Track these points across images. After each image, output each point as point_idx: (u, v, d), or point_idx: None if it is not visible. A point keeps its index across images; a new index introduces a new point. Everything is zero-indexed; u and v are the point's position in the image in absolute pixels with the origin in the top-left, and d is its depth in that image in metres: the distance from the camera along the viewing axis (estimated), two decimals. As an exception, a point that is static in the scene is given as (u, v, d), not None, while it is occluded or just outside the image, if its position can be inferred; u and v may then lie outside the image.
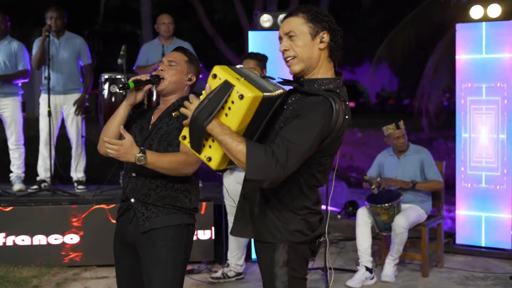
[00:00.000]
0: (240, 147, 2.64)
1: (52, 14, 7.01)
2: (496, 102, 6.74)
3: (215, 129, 2.67)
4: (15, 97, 7.13)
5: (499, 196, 6.76)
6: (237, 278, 6.02)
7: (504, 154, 6.73)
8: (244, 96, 2.63)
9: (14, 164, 7.21)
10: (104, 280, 6.05)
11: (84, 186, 7.16)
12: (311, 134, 2.68)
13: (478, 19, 6.83)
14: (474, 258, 6.73)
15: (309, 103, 2.75)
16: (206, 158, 2.76)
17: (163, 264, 3.34)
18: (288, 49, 2.87)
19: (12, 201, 6.61)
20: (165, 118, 3.44)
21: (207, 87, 2.72)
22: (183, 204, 3.40)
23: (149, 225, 3.36)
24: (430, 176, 6.19)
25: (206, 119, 2.66)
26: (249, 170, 2.65)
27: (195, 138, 2.73)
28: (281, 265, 2.89)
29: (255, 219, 2.94)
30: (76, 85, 7.17)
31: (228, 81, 2.67)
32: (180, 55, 3.56)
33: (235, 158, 2.67)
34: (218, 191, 6.64)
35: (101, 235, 6.27)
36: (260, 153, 2.64)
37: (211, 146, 2.74)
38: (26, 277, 6.03)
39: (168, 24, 7.34)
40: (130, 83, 3.38)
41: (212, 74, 2.72)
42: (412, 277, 6.10)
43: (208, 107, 2.67)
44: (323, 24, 2.84)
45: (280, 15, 6.70)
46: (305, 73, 2.88)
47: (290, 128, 2.70)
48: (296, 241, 2.89)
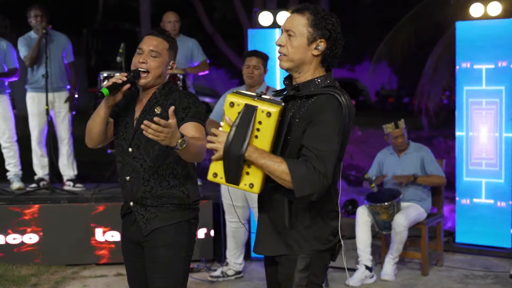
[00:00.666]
0: (282, 167, 2.68)
1: (36, 12, 6.97)
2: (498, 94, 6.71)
3: (253, 155, 2.69)
4: (3, 95, 7.06)
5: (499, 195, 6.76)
6: (236, 276, 6.01)
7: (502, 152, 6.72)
8: (271, 113, 2.67)
9: (10, 163, 7.18)
10: (103, 279, 6.03)
11: (82, 184, 7.14)
12: (334, 135, 2.73)
13: (478, 17, 6.80)
14: (474, 256, 6.72)
15: (317, 105, 2.78)
16: (248, 185, 2.75)
17: (164, 264, 3.32)
18: (283, 45, 2.88)
19: (10, 199, 6.59)
20: (148, 114, 3.32)
21: (227, 119, 2.72)
22: (181, 200, 3.36)
23: (150, 227, 3.33)
24: (431, 171, 6.17)
25: (241, 148, 2.67)
26: (298, 188, 2.69)
27: (231, 170, 2.71)
28: (302, 269, 2.88)
29: (282, 233, 2.90)
30: (63, 83, 7.15)
31: (249, 104, 2.68)
32: (161, 42, 3.33)
33: (279, 178, 2.70)
34: (217, 189, 6.61)
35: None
36: (302, 169, 2.68)
37: (248, 172, 2.74)
38: (24, 275, 6.02)
39: (174, 22, 7.32)
40: (104, 90, 3.18)
41: (229, 103, 2.72)
42: (411, 276, 6.09)
43: (239, 135, 2.68)
44: (323, 31, 2.84)
45: (280, 12, 6.68)
46: (293, 71, 2.91)
47: (312, 137, 2.74)
48: (321, 249, 2.91)
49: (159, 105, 3.32)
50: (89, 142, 3.44)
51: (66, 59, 7.19)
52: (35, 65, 6.98)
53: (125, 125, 3.39)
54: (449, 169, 6.77)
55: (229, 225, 5.98)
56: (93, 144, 3.43)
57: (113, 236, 6.37)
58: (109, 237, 6.38)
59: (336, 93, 2.77)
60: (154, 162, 3.31)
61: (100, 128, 3.36)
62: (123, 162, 3.39)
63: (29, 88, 7.09)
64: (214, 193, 6.60)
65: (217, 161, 2.75)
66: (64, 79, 7.17)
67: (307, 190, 2.70)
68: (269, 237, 2.95)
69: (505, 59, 6.66)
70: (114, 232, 6.36)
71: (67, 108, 7.12)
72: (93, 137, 3.40)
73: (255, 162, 2.69)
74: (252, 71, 5.71)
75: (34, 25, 6.97)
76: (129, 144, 3.35)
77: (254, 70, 5.71)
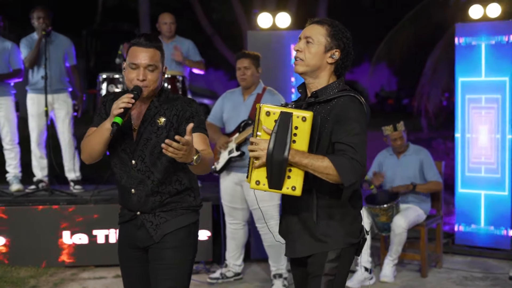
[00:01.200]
0: (326, 162, 2.88)
1: (39, 13, 6.95)
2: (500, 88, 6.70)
3: (296, 156, 2.86)
4: (8, 97, 7.09)
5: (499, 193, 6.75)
6: (235, 278, 6.00)
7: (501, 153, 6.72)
8: (306, 118, 2.87)
9: (11, 164, 7.18)
10: (102, 280, 6.02)
11: (81, 185, 7.13)
12: (362, 129, 2.98)
13: (477, 19, 6.80)
14: (473, 258, 6.71)
15: (341, 106, 3.00)
16: (291, 188, 2.89)
17: (171, 266, 3.31)
18: (301, 51, 3.11)
19: (9, 201, 6.59)
20: (149, 125, 3.25)
21: (265, 128, 2.90)
22: (189, 203, 3.38)
23: (161, 232, 3.31)
24: (430, 177, 6.17)
25: (284, 152, 2.84)
26: (345, 178, 2.89)
27: (275, 174, 2.86)
28: (333, 259, 3.06)
29: (314, 231, 3.07)
30: (64, 85, 7.14)
31: (284, 111, 2.87)
32: (155, 53, 3.24)
33: (323, 173, 2.89)
34: (217, 191, 6.60)
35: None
36: (344, 161, 2.89)
37: (290, 176, 2.89)
38: (23, 277, 6.01)
39: (170, 24, 7.31)
40: (118, 119, 3.07)
41: (265, 112, 2.89)
42: (411, 278, 6.08)
43: (280, 141, 2.85)
44: (339, 42, 3.09)
45: (278, 14, 6.68)
46: (307, 75, 3.13)
47: (344, 133, 2.95)
48: (352, 243, 3.12)
49: (161, 115, 3.26)
50: (87, 159, 3.35)
51: (68, 62, 7.18)
52: (35, 66, 6.97)
53: (123, 136, 3.29)
54: (448, 170, 6.78)
55: (229, 226, 5.97)
56: (91, 161, 3.35)
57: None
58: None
59: (356, 95, 3.03)
60: (163, 174, 3.28)
61: (102, 148, 3.27)
62: (126, 174, 3.31)
63: (29, 89, 7.09)
64: (213, 195, 6.60)
65: (259, 169, 2.89)
66: (65, 81, 7.16)
67: (352, 179, 2.89)
68: (301, 238, 3.11)
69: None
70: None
71: (67, 109, 7.11)
72: (94, 155, 3.31)
73: (299, 163, 2.87)
74: (244, 73, 5.68)
75: (37, 27, 6.96)
76: (132, 157, 3.29)
77: (245, 71, 5.67)
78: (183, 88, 6.81)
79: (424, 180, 6.20)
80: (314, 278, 3.09)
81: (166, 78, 6.73)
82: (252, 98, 5.72)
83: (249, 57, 5.69)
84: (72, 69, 7.23)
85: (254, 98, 5.71)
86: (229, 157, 5.69)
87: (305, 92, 3.18)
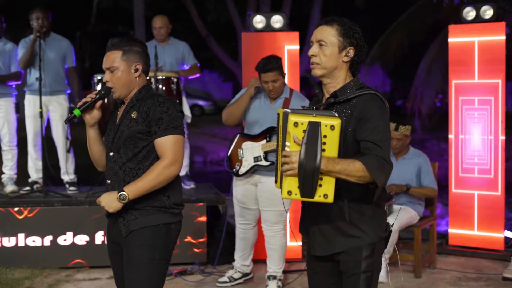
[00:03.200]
0: (357, 165, 2.91)
1: (38, 14, 6.95)
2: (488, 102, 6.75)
3: (328, 164, 2.88)
4: (8, 98, 7.10)
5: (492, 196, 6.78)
6: (244, 279, 5.96)
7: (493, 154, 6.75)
8: (334, 126, 2.89)
9: (7, 166, 7.18)
10: (96, 282, 6.03)
11: (75, 187, 7.13)
12: (385, 126, 3.05)
13: (470, 20, 6.84)
14: (467, 259, 6.74)
15: (363, 104, 3.05)
16: (323, 196, 2.92)
17: (136, 264, 3.35)
18: (316, 55, 3.13)
19: (4, 202, 6.58)
20: (125, 119, 3.41)
21: (294, 137, 2.90)
22: (162, 203, 3.39)
23: (129, 228, 3.38)
24: (426, 183, 6.18)
25: (315, 162, 2.86)
26: (378, 178, 2.93)
27: (308, 184, 2.88)
28: (368, 255, 3.11)
29: (346, 228, 3.12)
30: (61, 86, 7.14)
31: (311, 121, 2.89)
32: (113, 54, 3.42)
33: (357, 176, 2.92)
34: (212, 192, 6.63)
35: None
36: (374, 161, 2.93)
37: (321, 184, 2.91)
38: (18, 278, 6.01)
39: (159, 28, 7.31)
40: (76, 111, 3.40)
41: (293, 123, 2.90)
42: (404, 278, 6.10)
43: (310, 150, 2.86)
44: (352, 40, 3.11)
45: (273, 16, 6.69)
46: (325, 77, 3.16)
47: (369, 131, 2.99)
48: (383, 236, 3.17)
49: (135, 110, 3.38)
50: (97, 165, 3.61)
51: (67, 64, 7.18)
52: (31, 68, 6.97)
53: (108, 132, 3.51)
54: (442, 171, 6.82)
55: (239, 226, 5.89)
56: (102, 166, 3.57)
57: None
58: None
59: (376, 92, 3.08)
60: (135, 164, 3.37)
61: (96, 149, 3.53)
62: (107, 166, 3.50)
63: (27, 90, 7.09)
64: (208, 196, 6.61)
65: (291, 179, 2.91)
66: (62, 83, 7.16)
67: (383, 178, 2.95)
68: (332, 235, 3.15)
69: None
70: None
71: (61, 112, 7.10)
72: (96, 159, 3.56)
73: (332, 171, 2.89)
74: (273, 87, 5.46)
75: (35, 27, 6.97)
76: (110, 149, 3.44)
77: (273, 84, 5.45)
78: (177, 89, 6.82)
79: (420, 184, 6.21)
80: (352, 276, 3.12)
81: (161, 79, 6.73)
82: (280, 103, 5.55)
83: (275, 69, 5.43)
84: (70, 71, 7.23)
85: (282, 102, 5.55)
86: (256, 164, 5.57)
87: (322, 92, 3.22)
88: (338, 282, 3.23)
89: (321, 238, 3.18)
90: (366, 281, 3.11)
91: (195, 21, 15.94)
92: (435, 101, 15.65)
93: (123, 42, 3.42)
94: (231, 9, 15.41)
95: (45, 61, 6.91)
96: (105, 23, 23.13)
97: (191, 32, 17.38)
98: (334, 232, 3.14)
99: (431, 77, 12.23)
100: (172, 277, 6.01)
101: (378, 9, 18.73)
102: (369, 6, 18.23)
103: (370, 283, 3.12)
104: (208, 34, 15.98)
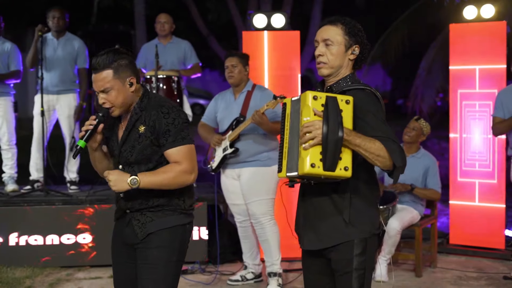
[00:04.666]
0: (377, 144, 2.92)
1: (54, 13, 7.03)
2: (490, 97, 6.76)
3: (350, 135, 2.89)
4: (7, 97, 7.11)
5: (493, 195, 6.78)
6: (255, 280, 5.95)
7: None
8: (350, 101, 2.95)
9: (7, 165, 7.19)
10: (97, 281, 6.03)
11: (77, 186, 7.14)
12: (383, 119, 3.04)
13: (471, 20, 6.84)
14: (468, 258, 6.74)
15: (359, 100, 3.01)
16: (343, 169, 2.90)
17: (154, 266, 3.34)
18: (323, 54, 3.15)
19: (5, 201, 6.59)
20: (132, 132, 3.35)
21: (315, 109, 2.92)
22: (177, 205, 3.40)
23: (146, 230, 3.36)
24: (431, 184, 6.20)
25: (338, 131, 2.85)
26: (396, 159, 2.94)
27: (331, 154, 2.86)
28: (360, 253, 3.08)
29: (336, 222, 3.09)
30: (69, 86, 7.15)
31: (329, 96, 2.93)
32: (104, 75, 3.26)
33: (374, 154, 2.92)
34: (212, 191, 6.62)
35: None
36: (394, 146, 2.95)
37: (341, 157, 2.90)
38: (19, 277, 6.01)
39: (163, 23, 7.31)
40: (80, 142, 3.31)
41: (313, 97, 2.93)
42: (405, 277, 6.11)
43: (332, 121, 2.86)
44: (357, 38, 3.15)
45: (274, 15, 6.69)
46: (331, 76, 3.17)
47: (372, 126, 2.98)
48: (375, 233, 3.13)
49: (141, 123, 3.33)
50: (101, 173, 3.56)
51: (77, 64, 7.18)
52: (38, 67, 6.96)
53: (112, 143, 3.46)
54: (443, 170, 6.81)
55: (238, 225, 5.93)
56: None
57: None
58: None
59: (369, 87, 3.10)
60: None
61: (103, 165, 3.52)
62: None
63: (38, 89, 7.08)
64: (209, 195, 6.61)
65: (313, 151, 2.88)
66: (69, 83, 7.15)
67: (400, 162, 2.95)
68: (324, 229, 3.12)
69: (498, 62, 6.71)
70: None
71: (68, 111, 7.11)
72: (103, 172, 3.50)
73: (352, 142, 2.89)
74: (231, 70, 5.71)
75: (51, 26, 6.99)
76: (118, 161, 3.42)
77: (232, 69, 5.70)
78: (178, 88, 6.81)
79: (425, 185, 6.22)
80: (344, 275, 3.09)
81: (161, 78, 6.73)
82: (243, 96, 5.75)
83: (236, 56, 5.74)
84: (80, 72, 7.22)
85: (245, 95, 5.74)
86: (224, 154, 5.70)
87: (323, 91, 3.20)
88: (332, 282, 3.21)
89: (311, 233, 3.16)
90: (359, 279, 3.08)
91: (195, 20, 15.92)
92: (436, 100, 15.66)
93: (109, 59, 3.25)
94: (232, 8, 15.39)
95: (53, 60, 6.94)
96: (106, 22, 23.11)
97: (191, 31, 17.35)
98: (325, 227, 3.11)
99: (431, 76, 12.23)
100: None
101: (379, 8, 18.72)
102: (370, 5, 18.22)
103: (362, 281, 3.10)
104: (209, 33, 15.96)
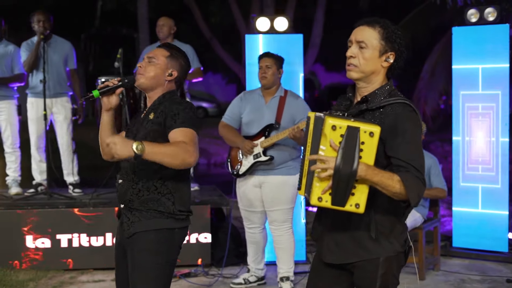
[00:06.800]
0: (395, 181, 2.80)
1: (39, 17, 6.97)
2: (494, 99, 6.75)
3: (368, 172, 2.75)
4: (10, 100, 7.12)
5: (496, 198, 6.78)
6: (258, 283, 5.95)
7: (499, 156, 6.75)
8: (374, 133, 2.75)
9: (11, 168, 7.20)
10: (100, 284, 6.04)
11: (80, 189, 7.15)
12: (419, 142, 2.90)
13: (474, 22, 6.85)
14: (471, 261, 6.73)
15: (395, 115, 2.87)
16: (354, 205, 2.80)
17: (140, 268, 3.35)
18: (355, 56, 2.97)
19: (8, 204, 6.60)
20: (145, 120, 3.43)
21: (331, 142, 2.77)
22: (166, 208, 3.36)
23: (132, 229, 3.38)
24: (436, 183, 6.20)
25: (352, 167, 2.72)
26: (412, 198, 2.82)
27: (341, 189, 2.75)
28: (384, 272, 2.99)
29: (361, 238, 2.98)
30: (64, 88, 7.16)
31: (350, 126, 2.75)
32: (161, 51, 3.49)
33: (391, 192, 2.81)
34: (215, 194, 6.63)
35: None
36: (411, 180, 2.81)
37: (354, 193, 2.79)
38: (22, 280, 6.02)
39: (161, 26, 7.32)
40: (95, 92, 3.37)
41: (331, 127, 2.77)
42: (408, 280, 6.08)
43: (348, 155, 2.73)
44: (393, 45, 2.96)
45: (277, 18, 6.70)
46: (361, 81, 3.01)
47: (403, 148, 2.85)
48: (400, 251, 3.02)
49: (153, 111, 3.40)
50: (103, 154, 3.51)
51: (68, 66, 7.20)
52: (34, 70, 6.99)
53: (128, 134, 3.51)
54: (446, 173, 6.80)
55: (248, 231, 5.88)
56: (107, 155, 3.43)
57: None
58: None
59: (409, 101, 2.91)
60: (146, 165, 3.30)
61: (107, 135, 3.46)
62: (121, 166, 3.50)
63: (29, 93, 7.11)
64: (212, 198, 6.62)
65: (322, 185, 2.79)
66: (65, 85, 7.17)
67: (417, 199, 2.84)
68: (344, 242, 3.02)
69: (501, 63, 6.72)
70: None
71: (65, 114, 7.12)
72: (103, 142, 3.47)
73: (370, 179, 2.77)
74: (265, 71, 5.59)
75: (37, 30, 6.99)
76: None
77: (266, 70, 5.60)
78: (181, 91, 6.83)
79: (430, 185, 6.22)
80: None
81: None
82: (275, 101, 5.62)
83: (272, 57, 5.65)
84: (72, 73, 7.24)
85: (277, 101, 5.61)
86: (255, 161, 5.56)
87: (353, 95, 3.08)
88: None
89: (334, 246, 3.04)
90: None
91: (199, 23, 15.97)
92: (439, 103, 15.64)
93: (174, 49, 3.51)
94: (235, 12, 15.43)
95: (47, 63, 6.93)
96: (109, 25, 23.17)
97: (195, 34, 17.39)
98: (349, 242, 3.00)
99: (435, 79, 12.23)
100: (176, 279, 6.02)
101: (382, 11, 18.72)
102: (373, 8, 18.22)
103: None
104: (212, 36, 16.00)
